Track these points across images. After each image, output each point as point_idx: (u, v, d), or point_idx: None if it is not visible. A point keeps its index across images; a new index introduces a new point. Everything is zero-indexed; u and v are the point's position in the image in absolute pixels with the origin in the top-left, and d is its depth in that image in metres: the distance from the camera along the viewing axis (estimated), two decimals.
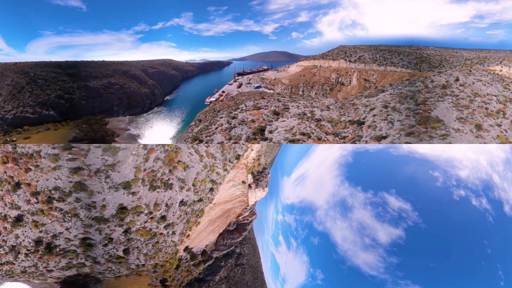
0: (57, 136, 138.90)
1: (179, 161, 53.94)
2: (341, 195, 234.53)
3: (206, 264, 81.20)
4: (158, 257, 60.93)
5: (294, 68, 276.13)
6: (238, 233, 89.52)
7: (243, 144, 72.45)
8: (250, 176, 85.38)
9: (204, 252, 78.53)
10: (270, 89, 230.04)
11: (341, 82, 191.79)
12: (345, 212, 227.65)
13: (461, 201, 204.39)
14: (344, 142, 54.67)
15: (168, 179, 53.22)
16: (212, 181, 63.06)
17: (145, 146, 49.53)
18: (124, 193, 48.84)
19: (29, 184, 43.85)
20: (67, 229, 48.54)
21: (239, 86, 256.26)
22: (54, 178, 42.87)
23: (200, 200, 62.64)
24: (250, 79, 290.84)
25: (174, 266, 67.26)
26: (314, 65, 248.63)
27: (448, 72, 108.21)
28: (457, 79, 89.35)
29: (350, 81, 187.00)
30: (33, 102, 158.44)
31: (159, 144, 51.85)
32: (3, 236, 51.86)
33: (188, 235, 66.06)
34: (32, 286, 65.18)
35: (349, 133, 64.25)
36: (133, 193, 49.55)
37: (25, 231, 49.80)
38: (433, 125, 62.77)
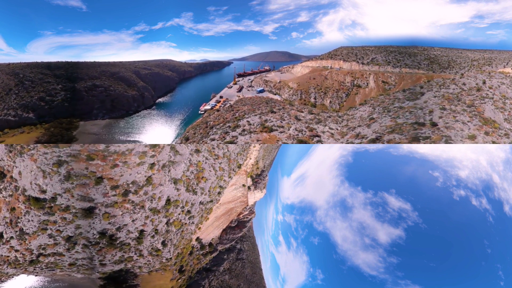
0: (26, 139, 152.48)
1: (203, 176, 78.81)
2: (341, 195, 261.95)
3: (212, 256, 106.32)
4: (180, 244, 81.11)
5: (300, 69, 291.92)
6: (239, 229, 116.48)
7: (244, 155, 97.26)
8: (249, 179, 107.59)
9: (210, 244, 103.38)
10: (275, 94, 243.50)
11: (358, 84, 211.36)
12: (345, 212, 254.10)
13: (461, 201, 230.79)
14: (434, 142, 65.75)
15: (195, 188, 76.54)
16: (220, 186, 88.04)
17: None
18: (173, 187, 66.24)
19: (112, 179, 55.95)
20: (133, 220, 61.36)
21: (240, 89, 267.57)
22: (137, 173, 57.07)
23: (211, 201, 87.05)
24: (251, 81, 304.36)
25: (188, 252, 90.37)
26: (324, 66, 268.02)
27: (472, 75, 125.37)
28: (484, 82, 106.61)
29: (367, 83, 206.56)
30: (16, 105, 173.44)
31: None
32: (59, 226, 59.68)
33: (200, 227, 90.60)
34: (70, 280, 78.79)
35: (428, 134, 71.12)
36: (177, 189, 68.38)
37: (93, 223, 60.38)
38: (494, 125, 74.41)
